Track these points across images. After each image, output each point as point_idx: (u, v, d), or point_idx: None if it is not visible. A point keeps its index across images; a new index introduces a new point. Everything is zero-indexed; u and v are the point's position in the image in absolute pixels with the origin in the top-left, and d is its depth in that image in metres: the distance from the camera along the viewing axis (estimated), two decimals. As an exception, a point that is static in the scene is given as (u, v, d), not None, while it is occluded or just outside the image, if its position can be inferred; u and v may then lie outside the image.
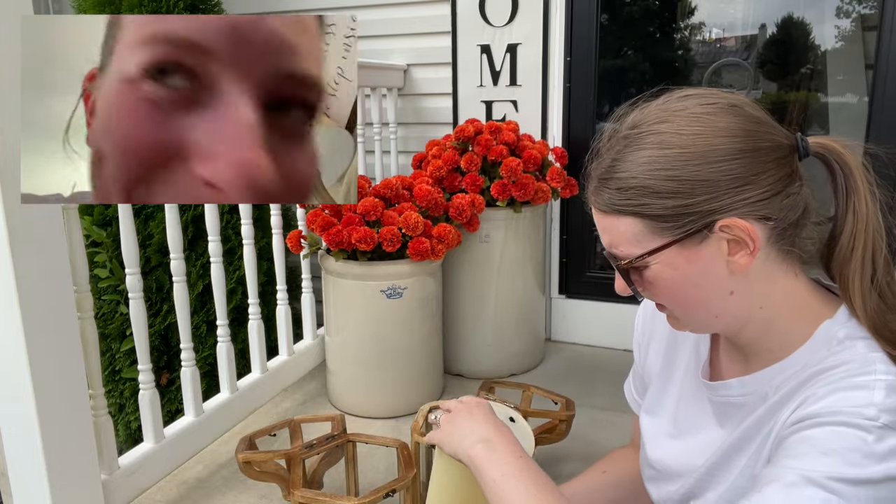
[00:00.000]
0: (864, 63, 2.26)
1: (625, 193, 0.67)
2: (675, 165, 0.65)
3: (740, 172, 0.65)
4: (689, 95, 0.70)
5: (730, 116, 0.67)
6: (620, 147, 0.69)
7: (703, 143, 0.65)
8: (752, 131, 0.66)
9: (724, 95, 0.69)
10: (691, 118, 0.67)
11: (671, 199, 0.65)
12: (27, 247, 1.13)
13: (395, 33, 2.58)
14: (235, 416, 1.84)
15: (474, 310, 2.23)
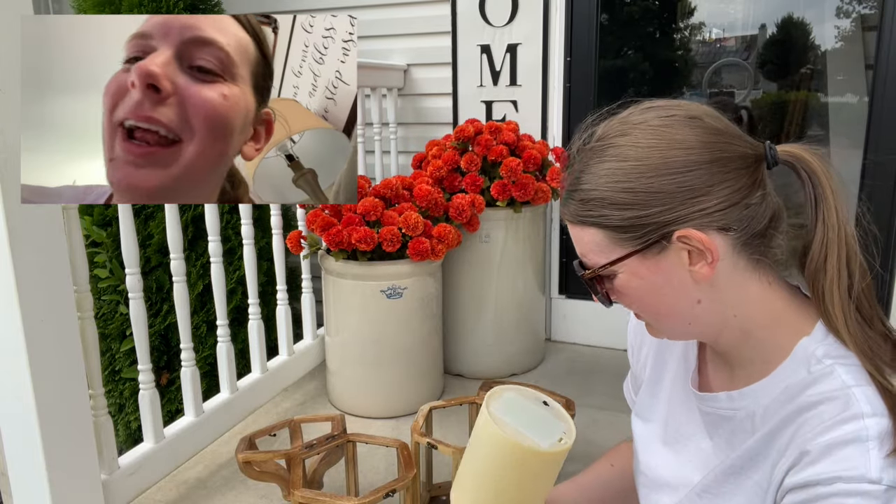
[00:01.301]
0: (864, 63, 2.26)
1: (587, 205, 0.69)
2: (631, 177, 0.67)
3: (695, 184, 0.66)
4: (650, 108, 0.71)
5: (687, 129, 0.67)
6: (586, 160, 0.71)
7: (658, 155, 0.66)
8: (709, 143, 0.67)
9: (686, 106, 0.70)
10: (648, 131, 0.68)
11: (628, 211, 0.67)
12: (27, 247, 1.13)
13: (395, 33, 2.58)
14: (235, 416, 1.84)
15: (474, 310, 2.23)
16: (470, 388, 2.15)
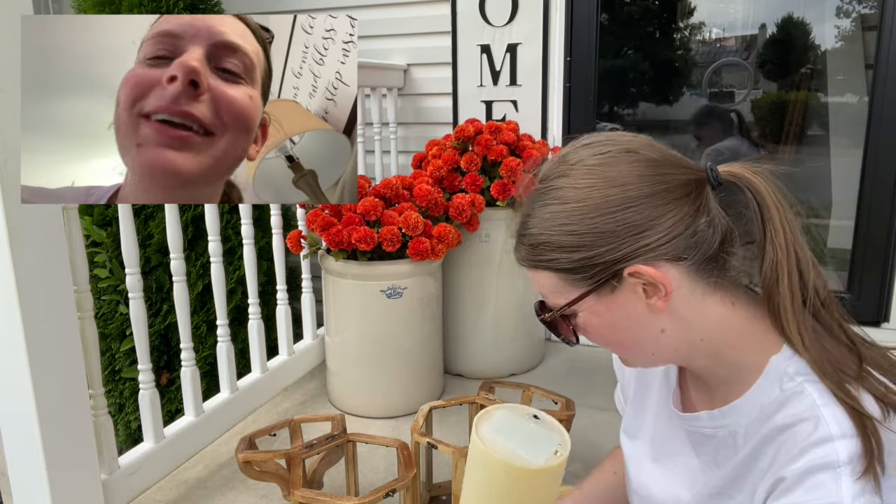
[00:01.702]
0: (864, 63, 2.26)
1: (536, 249, 0.70)
2: (573, 220, 0.67)
3: (637, 220, 0.66)
4: (586, 145, 0.71)
5: (623, 164, 0.67)
6: (531, 203, 0.71)
7: (596, 195, 0.66)
8: (646, 176, 0.67)
9: (621, 140, 0.70)
10: (584, 170, 0.68)
11: (576, 253, 0.67)
12: (27, 247, 1.13)
13: (395, 33, 2.58)
14: (235, 416, 1.84)
15: (474, 310, 2.23)
16: (470, 388, 2.15)
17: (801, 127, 2.47)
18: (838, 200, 2.47)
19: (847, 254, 2.29)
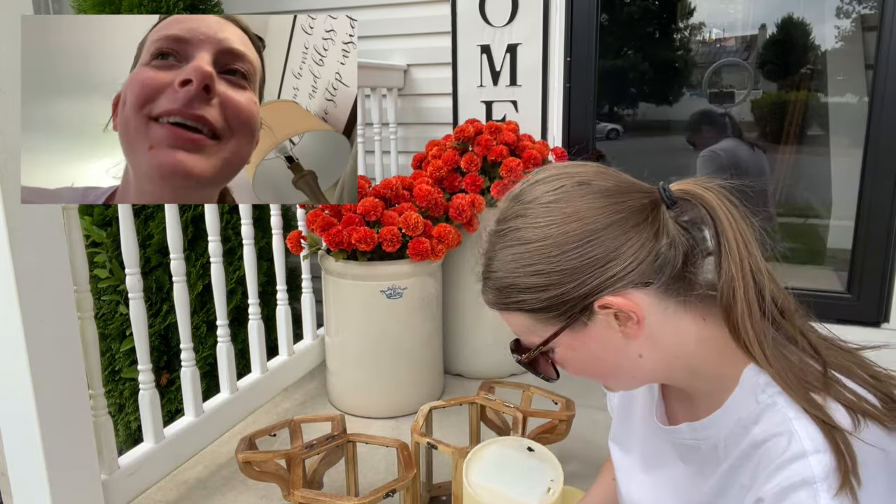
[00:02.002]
0: (864, 63, 2.26)
1: (503, 293, 0.70)
2: (537, 259, 0.67)
3: (599, 253, 0.65)
4: (539, 181, 0.70)
5: (577, 199, 0.67)
6: (491, 245, 0.71)
7: (556, 232, 0.66)
8: (602, 207, 0.66)
9: (573, 173, 0.69)
10: (541, 208, 0.68)
11: (543, 292, 0.67)
12: (27, 247, 1.13)
13: (395, 33, 2.58)
14: (235, 416, 1.84)
15: (474, 310, 2.23)
16: (470, 388, 2.15)
17: (801, 127, 2.47)
18: (838, 200, 2.47)
19: (847, 254, 2.29)
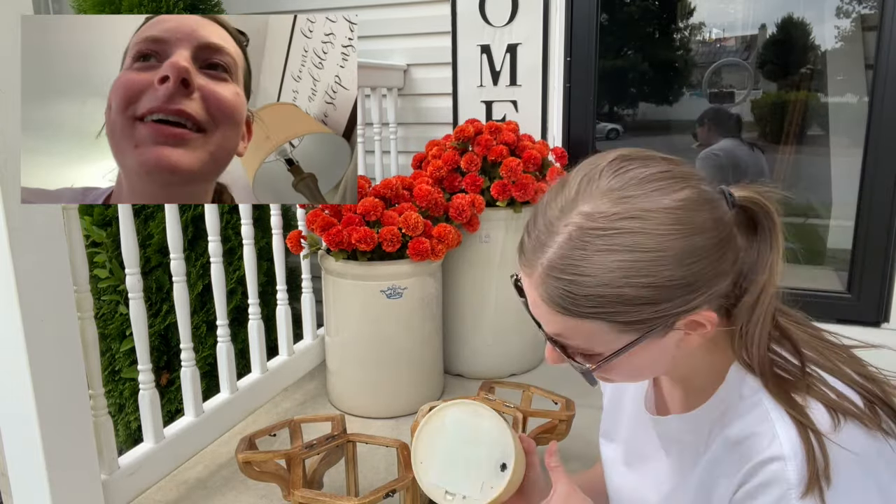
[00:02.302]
0: (864, 63, 2.26)
1: (591, 300, 0.60)
2: (651, 272, 0.59)
3: (709, 269, 0.61)
4: (648, 179, 0.62)
5: (699, 208, 0.61)
6: (577, 243, 0.60)
7: (680, 245, 0.59)
8: (717, 219, 0.62)
9: (685, 174, 0.63)
10: (665, 215, 0.60)
11: (647, 307, 0.60)
12: (27, 247, 1.13)
13: (395, 33, 2.58)
14: (235, 416, 1.84)
15: (474, 310, 2.23)
16: (470, 388, 2.15)
17: (801, 127, 2.47)
18: (838, 200, 2.47)
19: (847, 254, 2.29)
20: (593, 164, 0.65)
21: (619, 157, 0.65)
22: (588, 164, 0.66)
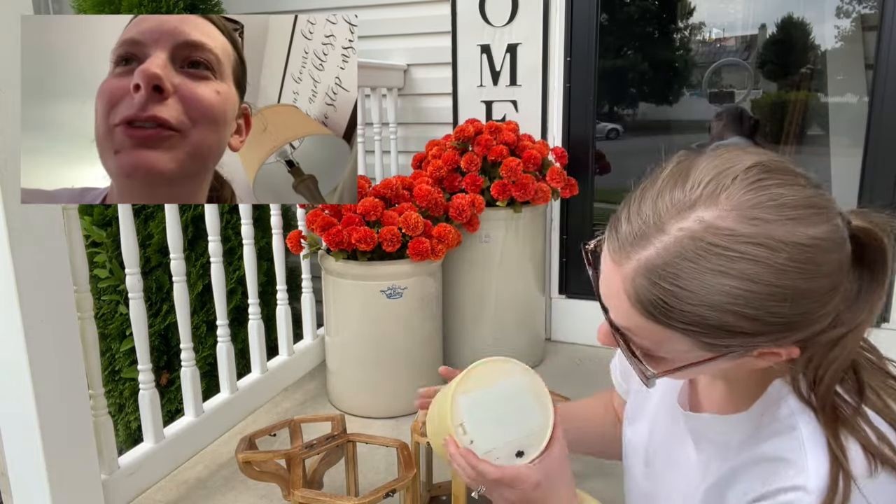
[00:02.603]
0: (864, 63, 2.26)
1: (686, 316, 0.56)
2: (759, 305, 0.54)
3: (821, 310, 0.56)
4: (787, 205, 0.54)
5: (834, 252, 0.55)
6: (689, 254, 0.54)
7: (803, 285, 0.54)
8: (842, 263, 0.56)
9: (825, 201, 0.56)
10: (798, 251, 0.53)
11: (741, 336, 0.56)
12: (27, 247, 1.13)
13: (395, 33, 2.58)
14: (235, 416, 1.84)
15: (474, 310, 2.23)
16: (470, 388, 2.15)
17: (801, 127, 2.47)
18: (838, 200, 2.46)
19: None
20: (728, 164, 0.57)
21: (760, 165, 0.56)
22: (721, 162, 0.57)
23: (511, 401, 0.78)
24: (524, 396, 0.79)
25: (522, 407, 0.78)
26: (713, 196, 0.55)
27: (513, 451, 0.76)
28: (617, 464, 1.01)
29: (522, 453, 0.76)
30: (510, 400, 0.78)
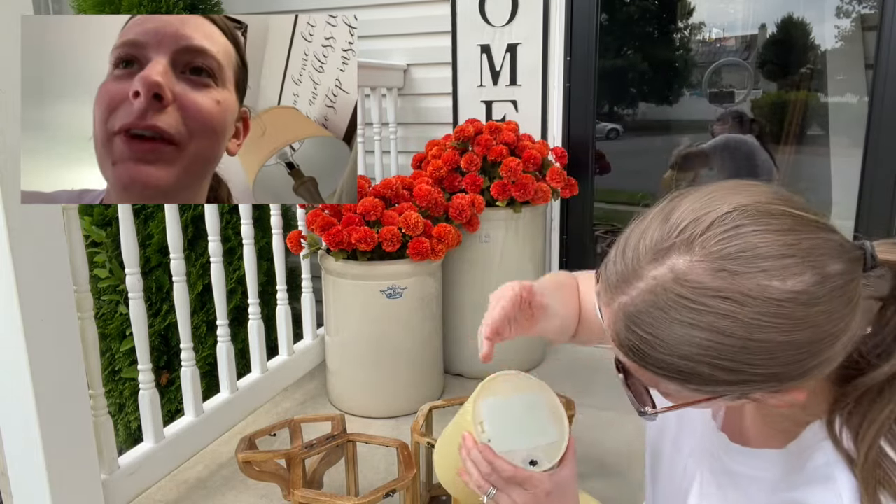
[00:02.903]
0: (864, 63, 2.26)
1: (662, 363, 0.55)
2: (737, 359, 0.52)
3: (815, 360, 0.53)
4: (765, 256, 0.51)
5: (818, 304, 0.51)
6: (659, 302, 0.53)
7: (781, 339, 0.51)
8: (838, 310, 0.52)
9: (811, 246, 0.52)
10: (769, 306, 0.51)
11: (723, 385, 0.55)
12: (27, 247, 1.13)
13: (395, 33, 2.58)
14: (235, 416, 1.84)
15: (474, 310, 2.23)
16: (470, 388, 2.14)
17: (801, 127, 2.47)
18: (838, 200, 2.47)
19: (847, 254, 2.29)
20: (706, 208, 0.54)
21: (739, 210, 0.53)
22: (700, 206, 0.55)
23: (530, 412, 0.80)
24: (542, 410, 0.81)
25: (540, 419, 0.80)
26: (688, 243, 0.53)
27: (527, 459, 0.77)
28: (617, 464, 1.01)
29: (536, 463, 0.77)
30: (529, 411, 0.80)
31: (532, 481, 0.73)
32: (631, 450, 1.70)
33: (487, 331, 0.77)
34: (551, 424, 0.79)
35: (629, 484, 1.57)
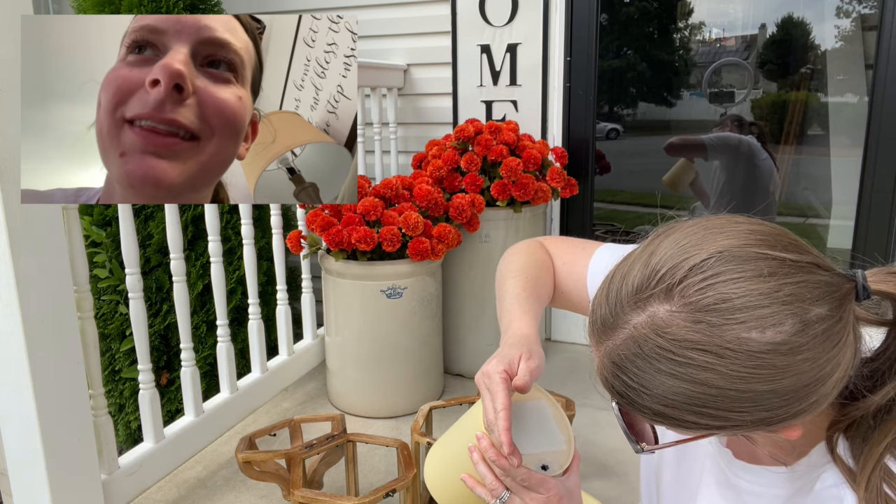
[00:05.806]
0: (864, 63, 2.26)
1: (648, 410, 0.56)
2: (721, 406, 0.52)
3: (804, 402, 0.52)
4: (737, 306, 0.50)
5: (801, 351, 0.50)
6: (640, 352, 0.53)
7: (759, 388, 0.51)
8: (821, 356, 0.51)
9: (793, 293, 0.51)
10: (748, 359, 0.50)
11: (711, 430, 0.55)
12: (27, 247, 1.13)
13: (395, 33, 2.58)
14: (235, 416, 1.84)
15: (474, 310, 2.23)
16: (470, 388, 2.15)
17: (801, 127, 2.47)
18: (838, 200, 2.47)
19: (847, 254, 2.29)
20: (685, 253, 0.54)
21: (717, 257, 0.52)
22: (679, 249, 0.54)
23: (538, 419, 0.81)
24: (549, 419, 0.81)
25: (549, 425, 0.80)
26: (667, 291, 0.53)
27: (538, 463, 0.76)
28: (617, 464, 1.01)
29: (547, 468, 0.77)
30: (538, 418, 0.81)
31: (546, 485, 0.73)
32: (631, 450, 1.70)
33: (504, 437, 0.70)
34: (558, 433, 0.80)
35: (629, 484, 1.57)
